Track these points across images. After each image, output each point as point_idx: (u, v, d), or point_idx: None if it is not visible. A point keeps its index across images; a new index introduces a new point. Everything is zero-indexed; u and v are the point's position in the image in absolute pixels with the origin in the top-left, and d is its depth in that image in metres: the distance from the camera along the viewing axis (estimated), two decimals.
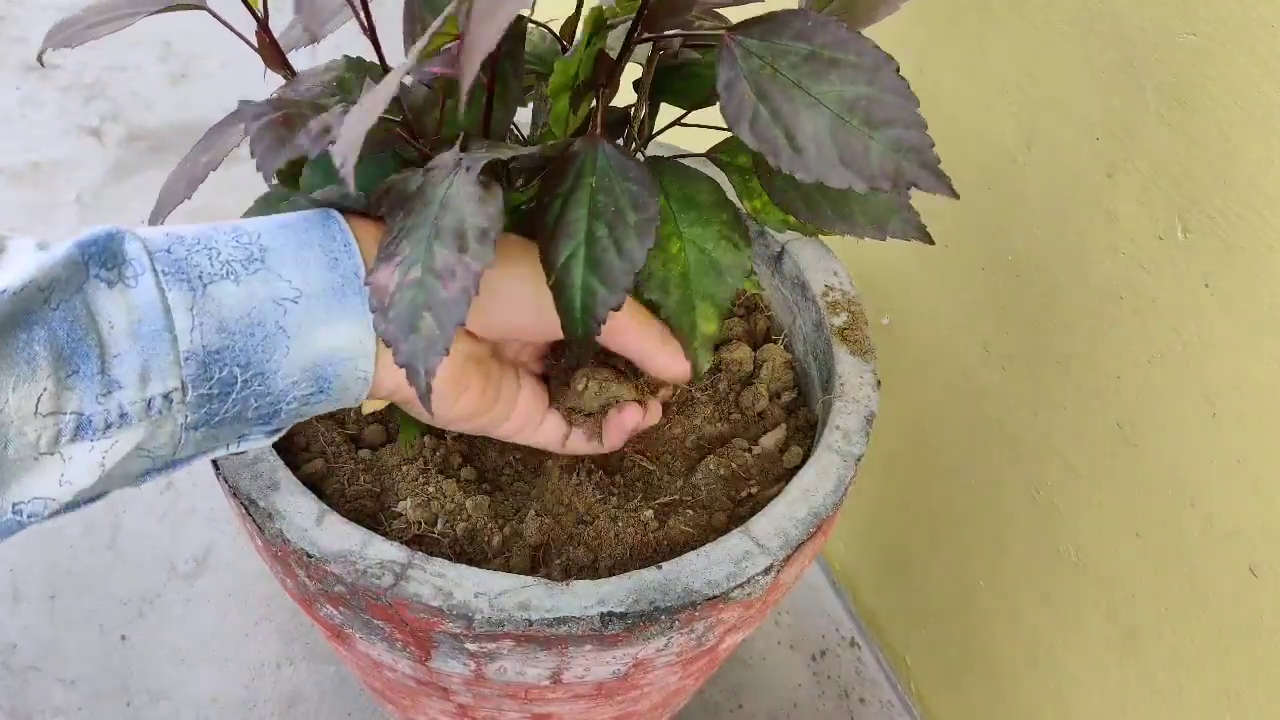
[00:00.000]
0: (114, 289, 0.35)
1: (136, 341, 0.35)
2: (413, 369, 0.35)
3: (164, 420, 0.36)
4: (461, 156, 0.38)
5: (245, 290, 0.37)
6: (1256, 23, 0.44)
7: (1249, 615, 0.52)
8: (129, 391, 0.35)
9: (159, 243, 0.36)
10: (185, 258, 0.36)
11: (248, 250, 0.38)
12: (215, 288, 0.36)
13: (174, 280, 0.36)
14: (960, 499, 0.72)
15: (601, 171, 0.41)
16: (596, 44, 0.41)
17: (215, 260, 0.37)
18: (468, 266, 0.35)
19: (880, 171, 0.37)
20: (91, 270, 0.34)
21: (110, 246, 0.35)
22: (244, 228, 0.38)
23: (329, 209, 0.41)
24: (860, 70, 0.37)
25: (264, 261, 0.38)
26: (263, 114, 0.39)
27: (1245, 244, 0.47)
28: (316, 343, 0.39)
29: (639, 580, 0.45)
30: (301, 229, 0.39)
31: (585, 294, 0.40)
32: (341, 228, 0.40)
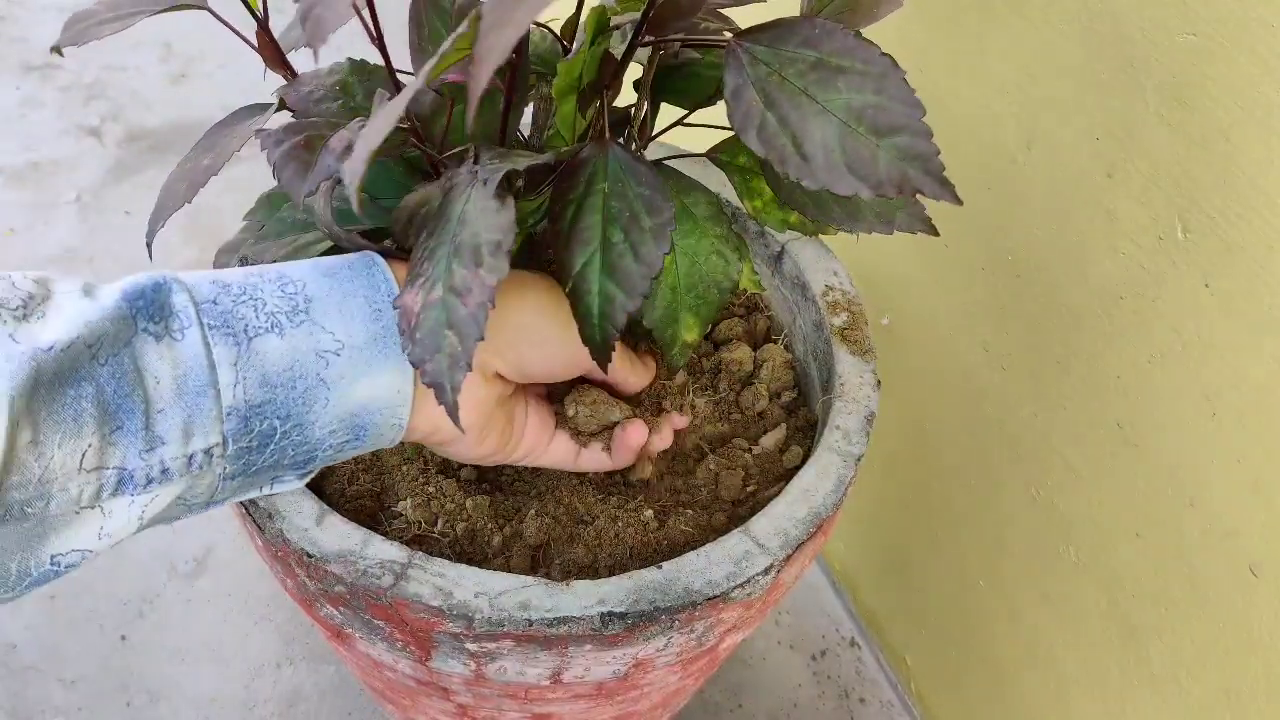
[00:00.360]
0: (161, 343, 0.35)
1: (181, 398, 0.35)
2: (439, 387, 0.36)
3: (204, 473, 0.37)
4: (476, 169, 0.38)
5: (289, 343, 0.37)
6: (1256, 23, 0.44)
7: (1249, 615, 0.52)
8: (172, 448, 0.35)
9: (205, 292, 0.36)
10: (231, 310, 0.36)
11: (293, 301, 0.38)
12: (260, 341, 0.37)
13: (220, 334, 0.36)
14: (960, 499, 0.72)
15: (614, 176, 0.41)
16: (600, 45, 0.41)
17: (261, 312, 0.37)
18: (483, 281, 0.35)
19: (887, 179, 0.37)
20: (139, 324, 0.34)
21: (157, 299, 0.35)
22: (289, 275, 0.39)
23: (372, 255, 0.41)
24: (867, 78, 0.37)
25: (308, 313, 0.38)
26: (282, 140, 0.40)
27: (1245, 244, 0.47)
28: (356, 393, 0.39)
29: (639, 580, 0.45)
30: (346, 278, 0.39)
31: (603, 300, 0.41)
32: (386, 276, 0.40)
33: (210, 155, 0.43)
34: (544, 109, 0.51)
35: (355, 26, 0.43)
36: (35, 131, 1.28)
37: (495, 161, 0.38)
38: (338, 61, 0.47)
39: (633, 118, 0.49)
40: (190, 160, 0.45)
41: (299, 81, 0.46)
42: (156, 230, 0.47)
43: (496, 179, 0.37)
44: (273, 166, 0.39)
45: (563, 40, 0.49)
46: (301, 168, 0.39)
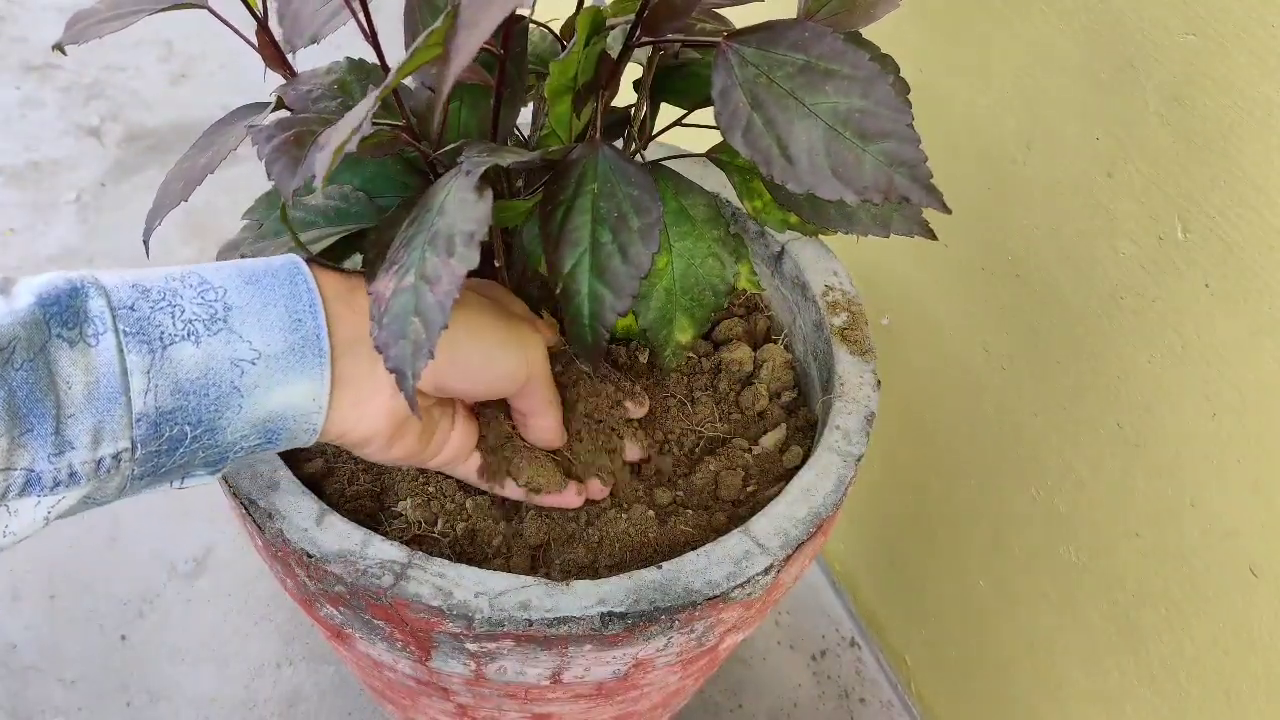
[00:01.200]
0: (75, 349, 0.34)
1: (92, 403, 0.35)
2: (400, 373, 0.36)
3: (112, 476, 0.37)
4: (461, 161, 0.38)
5: (204, 351, 0.37)
6: (1256, 23, 0.44)
7: (1249, 615, 0.52)
8: (81, 452, 0.35)
9: (123, 297, 0.36)
10: (148, 316, 0.36)
11: (211, 309, 0.37)
12: (175, 349, 0.36)
13: (135, 341, 0.36)
14: (960, 499, 0.72)
15: (603, 177, 0.41)
16: (595, 45, 0.42)
17: (178, 319, 0.37)
18: (452, 270, 0.35)
19: (872, 184, 0.37)
20: (53, 329, 0.34)
21: (73, 304, 0.35)
22: (210, 281, 0.38)
23: (298, 262, 0.40)
24: (855, 82, 0.37)
25: (226, 321, 0.38)
26: (273, 135, 0.40)
27: (1245, 244, 0.47)
28: (271, 401, 0.39)
29: (639, 580, 0.45)
30: (268, 286, 0.39)
31: (593, 301, 0.41)
32: (309, 286, 0.40)
33: (208, 154, 0.43)
34: (543, 108, 0.51)
35: (354, 26, 0.43)
36: (35, 131, 1.28)
37: (482, 155, 0.38)
38: (336, 61, 0.47)
39: (632, 118, 0.49)
40: (188, 159, 0.45)
41: (297, 81, 0.46)
42: (153, 228, 0.47)
43: (479, 171, 0.37)
44: (264, 162, 0.39)
45: (562, 41, 0.49)
46: (291, 163, 0.39)
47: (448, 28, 0.30)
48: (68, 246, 1.13)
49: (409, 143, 0.43)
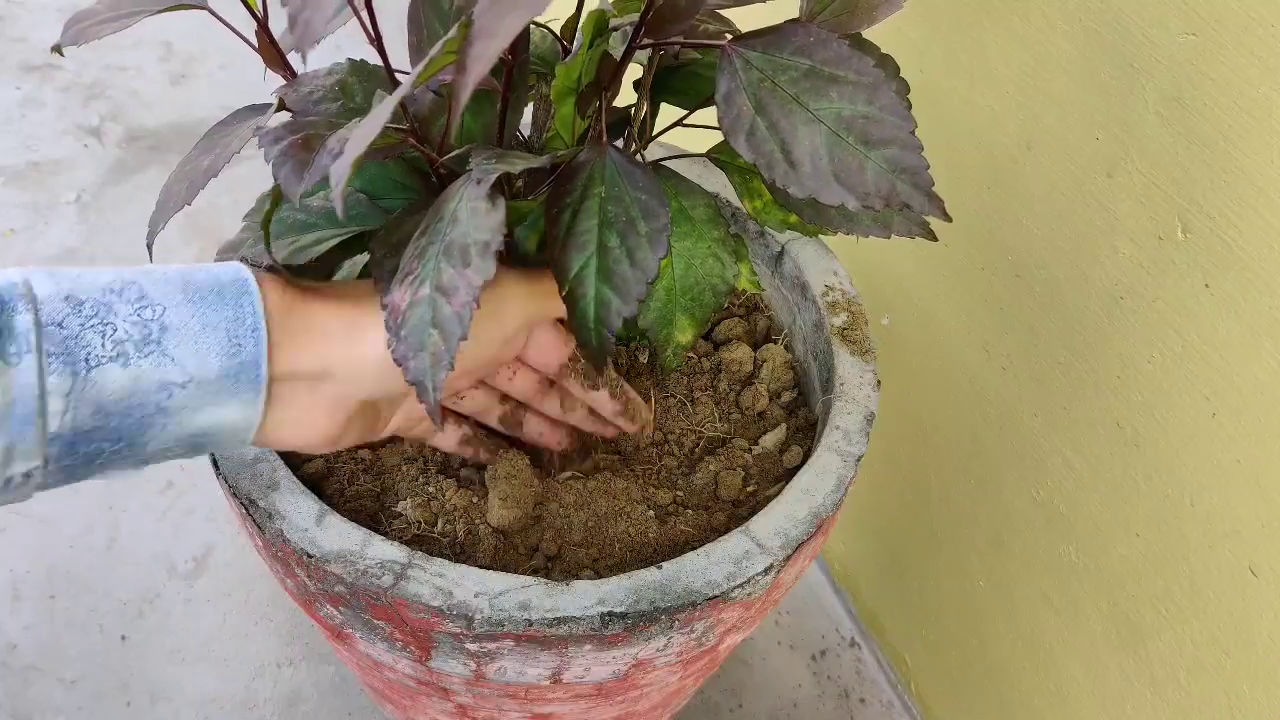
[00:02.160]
0: None
1: (5, 423, 0.34)
2: (421, 386, 0.36)
3: (22, 487, 0.36)
4: (471, 169, 0.38)
5: (131, 374, 0.35)
6: (1256, 23, 0.44)
7: (1249, 615, 0.52)
8: None
9: (53, 312, 0.34)
10: (77, 335, 0.34)
11: (146, 329, 0.36)
12: (99, 372, 0.35)
13: (58, 362, 0.34)
14: (960, 499, 0.72)
15: (610, 180, 0.41)
16: (599, 47, 0.42)
17: (108, 339, 0.35)
18: (469, 281, 0.35)
19: (875, 190, 0.37)
20: None
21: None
22: (150, 296, 0.36)
23: (246, 279, 0.38)
24: (859, 88, 0.37)
25: (160, 343, 0.36)
26: (280, 138, 0.39)
27: (1245, 244, 0.47)
28: (198, 421, 0.38)
29: (639, 580, 0.45)
30: (212, 305, 0.37)
31: (599, 305, 0.41)
32: (254, 309, 0.38)
33: (210, 156, 0.43)
34: (544, 109, 0.51)
35: (355, 27, 0.43)
36: (35, 131, 1.28)
37: (491, 162, 0.38)
38: (337, 62, 0.47)
39: (633, 118, 0.49)
40: (190, 161, 0.45)
41: (298, 82, 0.46)
42: (157, 231, 0.47)
43: (490, 179, 0.37)
44: (270, 165, 0.39)
45: (563, 41, 0.49)
46: (299, 167, 0.39)
47: (463, 36, 0.30)
48: (68, 246, 1.13)
49: (413, 146, 0.43)
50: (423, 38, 0.44)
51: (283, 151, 0.39)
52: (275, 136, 0.40)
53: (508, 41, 0.28)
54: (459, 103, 0.30)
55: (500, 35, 0.28)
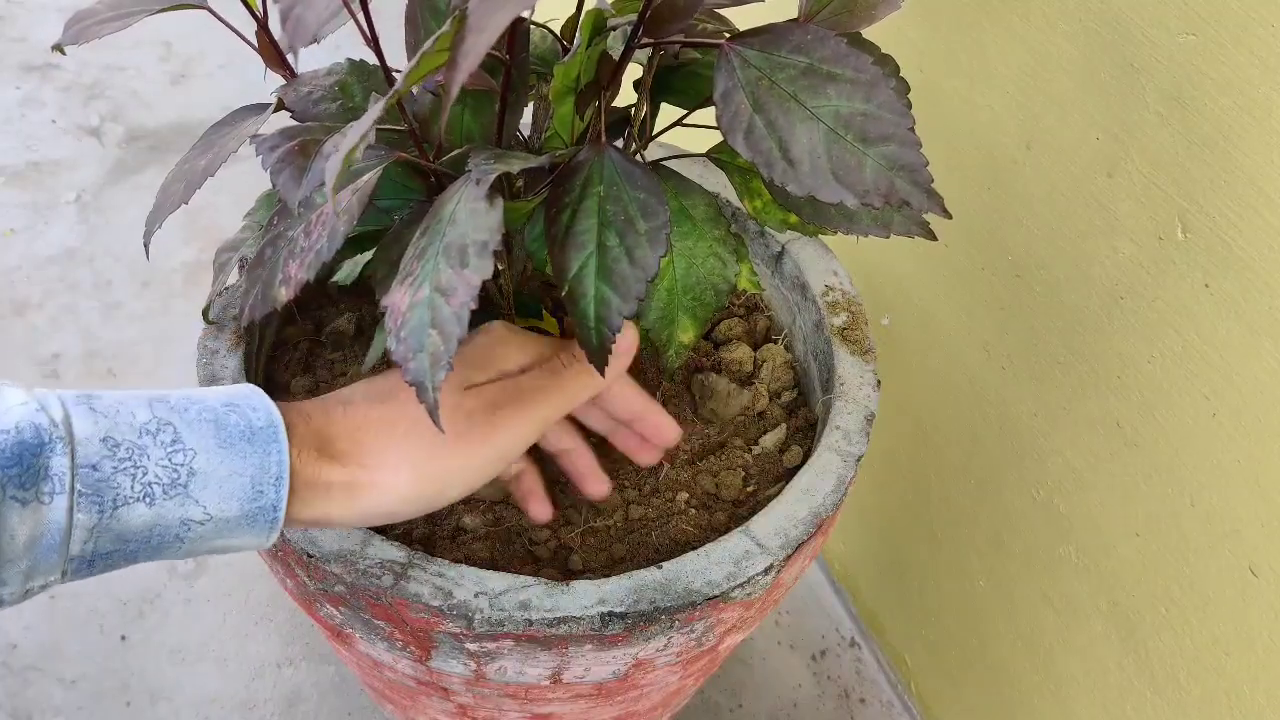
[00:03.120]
0: (26, 508, 0.34)
1: (30, 552, 0.35)
2: (420, 387, 0.36)
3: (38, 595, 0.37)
4: (470, 169, 0.38)
5: (155, 512, 0.37)
6: (1256, 23, 0.44)
7: (1249, 615, 0.52)
8: (10, 588, 0.36)
9: (89, 454, 0.36)
10: (109, 479, 0.36)
11: (175, 474, 0.37)
12: (126, 510, 0.36)
13: (87, 501, 0.35)
14: (960, 499, 0.72)
15: (609, 180, 0.41)
16: (597, 46, 0.42)
17: (138, 481, 0.36)
18: (467, 281, 0.35)
19: (873, 188, 0.37)
20: (8, 491, 0.34)
21: (36, 463, 0.34)
22: (184, 441, 0.37)
23: (278, 426, 0.39)
24: (857, 86, 0.37)
25: (186, 488, 0.37)
26: (277, 145, 0.39)
27: (1245, 244, 0.47)
28: (211, 546, 0.39)
29: (639, 580, 0.45)
30: (241, 454, 0.38)
31: (599, 304, 0.41)
32: (280, 457, 0.39)
33: (208, 156, 0.43)
34: (543, 109, 0.51)
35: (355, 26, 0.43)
36: (35, 131, 1.28)
37: (489, 162, 0.38)
38: (337, 62, 0.47)
39: (632, 118, 0.49)
40: (188, 161, 0.45)
41: (298, 82, 0.46)
42: (154, 231, 0.47)
43: (489, 180, 0.37)
44: (268, 172, 0.39)
45: (562, 41, 0.49)
46: (297, 173, 0.39)
47: (455, 32, 0.30)
48: (67, 247, 1.13)
49: (412, 146, 0.43)
50: (420, 37, 0.44)
51: (280, 158, 0.39)
52: (272, 144, 0.40)
53: (496, 36, 0.28)
54: (449, 98, 0.30)
55: (489, 30, 0.28)
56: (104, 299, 1.09)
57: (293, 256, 0.41)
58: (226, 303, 0.55)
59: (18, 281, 1.09)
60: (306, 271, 0.40)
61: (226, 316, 0.54)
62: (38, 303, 1.07)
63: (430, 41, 0.32)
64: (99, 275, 1.11)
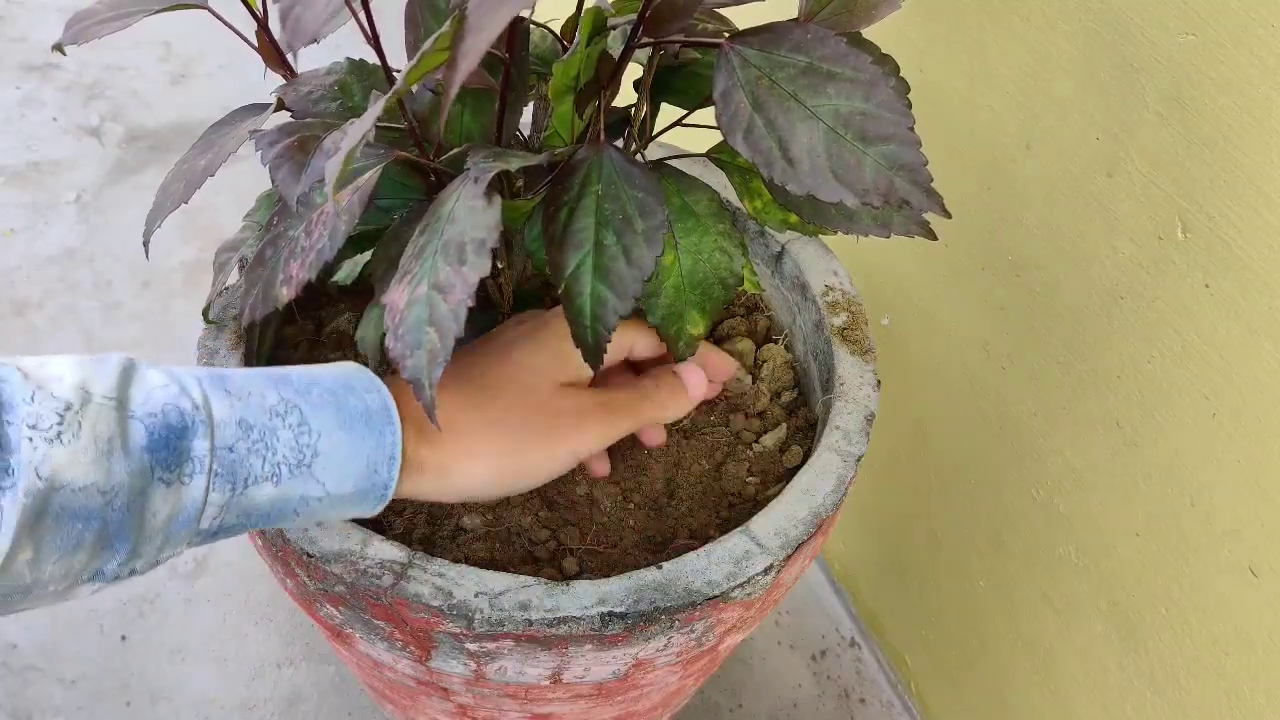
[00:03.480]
0: (170, 488, 0.37)
1: (168, 528, 0.37)
2: (417, 384, 0.36)
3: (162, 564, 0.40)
4: (469, 168, 0.38)
5: (281, 490, 0.39)
6: (1256, 23, 0.44)
7: (1249, 615, 0.52)
8: (144, 560, 0.38)
9: (227, 436, 0.38)
10: (243, 459, 0.38)
11: (301, 454, 0.39)
12: (255, 488, 0.39)
13: (222, 482, 0.38)
14: (960, 499, 0.72)
15: (607, 179, 0.41)
16: (597, 45, 0.41)
17: (268, 462, 0.38)
18: (464, 278, 0.35)
19: (873, 187, 0.37)
20: (156, 474, 0.36)
21: (180, 445, 0.36)
22: (309, 422, 0.39)
23: (391, 409, 0.41)
24: (857, 85, 0.37)
25: (310, 467, 0.39)
26: (276, 141, 0.40)
27: (1245, 244, 0.47)
28: (322, 517, 0.42)
29: (639, 580, 0.45)
30: (361, 435, 0.40)
31: (595, 302, 0.41)
32: (395, 438, 0.41)
33: (207, 156, 0.43)
34: (543, 109, 0.51)
35: (355, 26, 0.43)
36: (35, 131, 1.28)
37: (488, 161, 0.38)
38: (337, 61, 0.47)
39: (632, 118, 0.49)
40: (187, 161, 0.45)
41: (298, 81, 0.46)
42: (154, 230, 0.47)
43: (487, 178, 0.37)
44: (267, 168, 0.39)
45: (562, 40, 0.49)
46: (295, 168, 0.39)
47: (455, 31, 0.30)
48: (67, 247, 1.13)
49: (412, 144, 0.43)
50: (420, 36, 0.44)
51: (279, 154, 0.39)
52: (271, 139, 0.40)
53: (495, 35, 0.28)
54: (449, 97, 0.30)
55: (488, 30, 0.28)
56: (104, 299, 1.09)
57: (294, 256, 0.41)
58: (226, 302, 0.55)
59: (18, 281, 1.09)
60: (308, 271, 0.40)
61: (226, 316, 0.54)
62: (38, 303, 1.07)
63: (430, 41, 0.32)
64: (99, 275, 1.11)
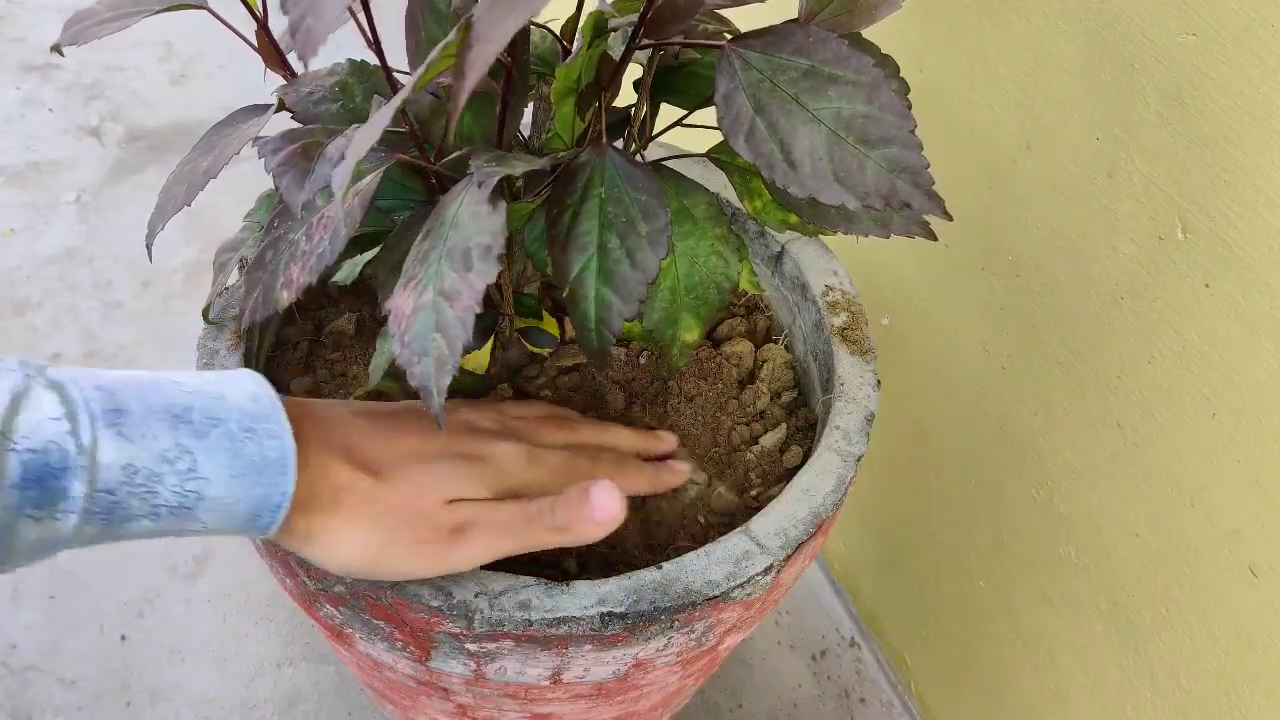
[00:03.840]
0: (40, 524, 0.36)
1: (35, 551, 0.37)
2: (425, 391, 0.36)
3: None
4: (472, 172, 0.38)
5: (158, 526, 0.38)
6: (1256, 23, 0.44)
7: (1249, 615, 0.52)
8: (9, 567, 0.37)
9: (108, 480, 0.36)
10: (122, 501, 0.37)
11: (184, 498, 0.38)
12: (132, 524, 0.38)
13: (97, 520, 0.37)
14: (960, 499, 0.72)
15: (610, 182, 0.41)
16: (598, 48, 0.42)
17: (149, 503, 0.38)
18: (471, 285, 0.35)
19: (875, 190, 0.37)
20: (25, 510, 0.35)
21: (56, 485, 0.35)
22: (199, 469, 0.38)
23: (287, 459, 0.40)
24: (859, 88, 0.37)
25: (193, 510, 0.39)
26: (279, 148, 0.40)
27: (1245, 244, 0.47)
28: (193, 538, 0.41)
29: (639, 580, 0.45)
30: (250, 483, 0.39)
31: (599, 306, 0.41)
32: (286, 488, 0.40)
33: (209, 158, 0.43)
34: (544, 109, 0.51)
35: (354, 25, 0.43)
36: (35, 131, 1.28)
37: (491, 165, 0.38)
38: (337, 62, 0.47)
39: (632, 118, 0.49)
40: (189, 162, 0.45)
41: (298, 82, 0.46)
42: (156, 233, 0.47)
43: (491, 183, 0.37)
44: (271, 174, 0.39)
45: (563, 41, 0.49)
46: (299, 175, 0.39)
47: (461, 40, 0.30)
48: (67, 247, 1.13)
49: (414, 148, 0.43)
50: (420, 40, 0.44)
51: (283, 161, 0.39)
52: (274, 146, 0.40)
53: (504, 44, 0.28)
54: (457, 107, 0.30)
55: (496, 39, 0.28)
56: (104, 299, 1.09)
57: (294, 260, 0.41)
58: (227, 303, 0.55)
59: (18, 281, 1.09)
60: (309, 275, 0.40)
61: (226, 316, 0.54)
62: (38, 303, 1.07)
63: (437, 50, 0.32)
64: (99, 275, 1.11)
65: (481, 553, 0.44)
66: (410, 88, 0.33)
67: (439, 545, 0.43)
